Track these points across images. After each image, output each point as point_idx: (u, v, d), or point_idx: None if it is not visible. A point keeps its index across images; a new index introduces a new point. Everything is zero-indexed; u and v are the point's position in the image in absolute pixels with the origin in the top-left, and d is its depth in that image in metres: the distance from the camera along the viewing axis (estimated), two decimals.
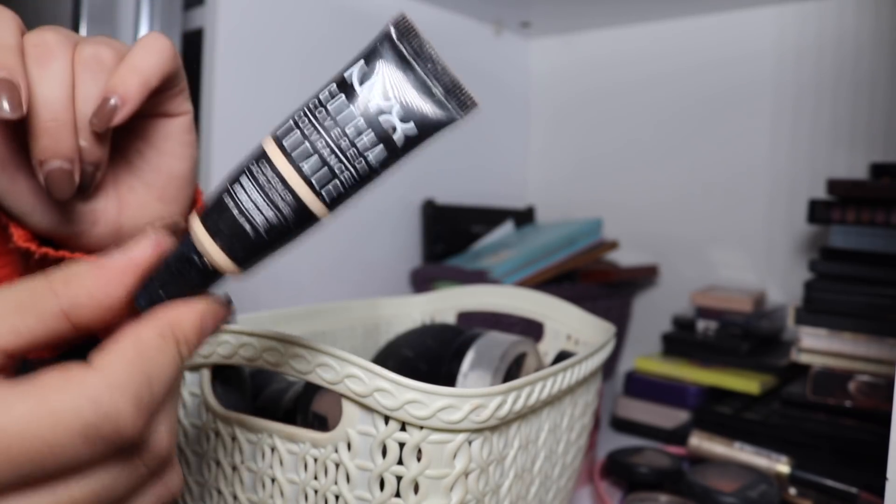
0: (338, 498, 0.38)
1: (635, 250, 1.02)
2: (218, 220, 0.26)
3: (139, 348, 0.24)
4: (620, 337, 0.96)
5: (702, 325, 0.86)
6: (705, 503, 0.57)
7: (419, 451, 0.35)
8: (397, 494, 0.36)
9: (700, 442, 0.68)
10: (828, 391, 0.68)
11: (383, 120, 0.24)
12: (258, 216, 0.25)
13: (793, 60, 0.89)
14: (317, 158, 0.25)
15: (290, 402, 0.46)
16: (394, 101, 0.24)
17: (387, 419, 0.35)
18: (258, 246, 0.26)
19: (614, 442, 0.80)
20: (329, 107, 0.25)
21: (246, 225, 0.25)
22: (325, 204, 0.25)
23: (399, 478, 0.36)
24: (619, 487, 0.67)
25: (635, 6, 0.95)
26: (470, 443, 0.36)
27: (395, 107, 0.24)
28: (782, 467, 0.62)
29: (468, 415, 0.35)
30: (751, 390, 0.77)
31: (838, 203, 0.72)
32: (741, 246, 0.94)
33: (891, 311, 0.67)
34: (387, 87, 0.24)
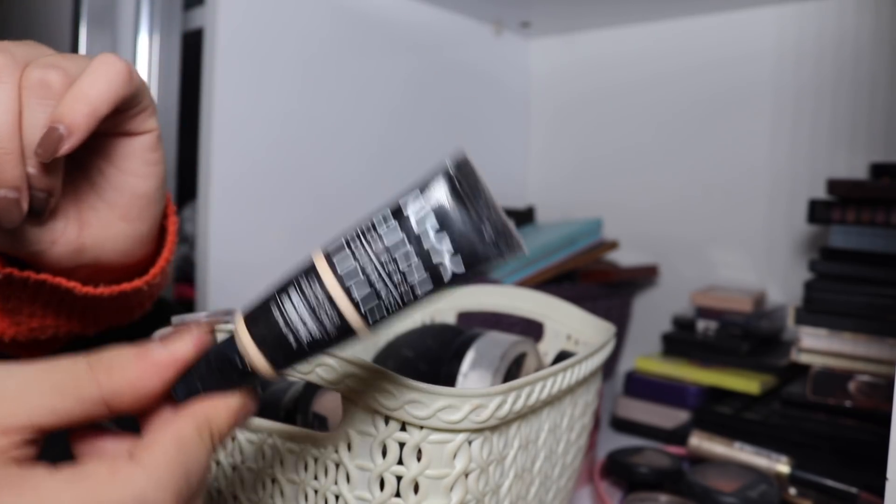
0: (338, 498, 0.38)
1: (635, 250, 1.01)
2: (264, 328, 0.27)
3: (179, 444, 0.25)
4: (620, 337, 0.96)
5: (702, 325, 0.86)
6: (705, 503, 0.57)
7: (419, 451, 0.35)
8: (397, 494, 0.36)
9: (700, 442, 0.68)
10: (828, 391, 0.68)
11: (432, 251, 0.25)
12: (303, 330, 0.26)
13: (793, 60, 0.89)
14: (364, 280, 0.26)
15: (290, 402, 0.46)
16: (445, 237, 0.25)
17: (387, 419, 0.35)
18: (298, 355, 0.27)
19: (614, 442, 0.79)
20: (381, 231, 0.25)
21: (290, 336, 0.27)
22: (368, 324, 0.26)
23: (399, 478, 0.36)
24: (619, 487, 0.67)
25: (635, 6, 0.95)
26: (470, 443, 0.36)
27: (445, 243, 0.25)
28: (782, 467, 0.62)
29: (468, 415, 0.35)
30: (751, 390, 0.77)
31: (838, 203, 0.72)
32: (741, 246, 0.94)
33: (891, 311, 0.67)
34: (440, 224, 0.25)
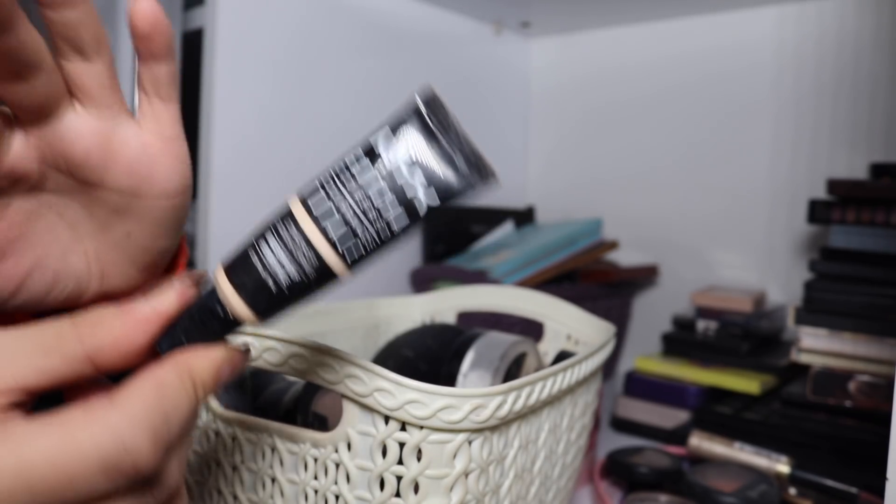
0: (338, 498, 0.38)
1: (635, 250, 1.02)
2: (242, 274, 0.27)
3: (158, 388, 0.25)
4: (620, 337, 0.96)
5: (702, 325, 0.86)
6: (705, 503, 0.57)
7: (419, 451, 0.35)
8: (397, 494, 0.36)
9: (700, 442, 0.68)
10: (828, 391, 0.68)
11: (406, 186, 0.25)
12: (281, 273, 0.26)
13: (793, 60, 0.89)
14: (340, 220, 0.26)
15: (290, 402, 0.46)
16: (418, 170, 0.25)
17: (387, 419, 0.35)
18: (280, 300, 0.27)
19: (614, 442, 0.80)
20: (354, 170, 0.26)
21: (269, 280, 0.26)
22: (347, 264, 0.26)
23: (399, 478, 0.36)
24: (619, 487, 0.67)
25: (635, 6, 0.95)
26: (470, 443, 0.36)
27: (418, 176, 0.25)
28: (782, 467, 0.62)
29: (468, 415, 0.35)
30: (751, 390, 0.77)
31: (838, 203, 0.72)
32: (741, 246, 0.94)
33: (891, 311, 0.67)
34: (411, 156, 0.25)
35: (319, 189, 0.26)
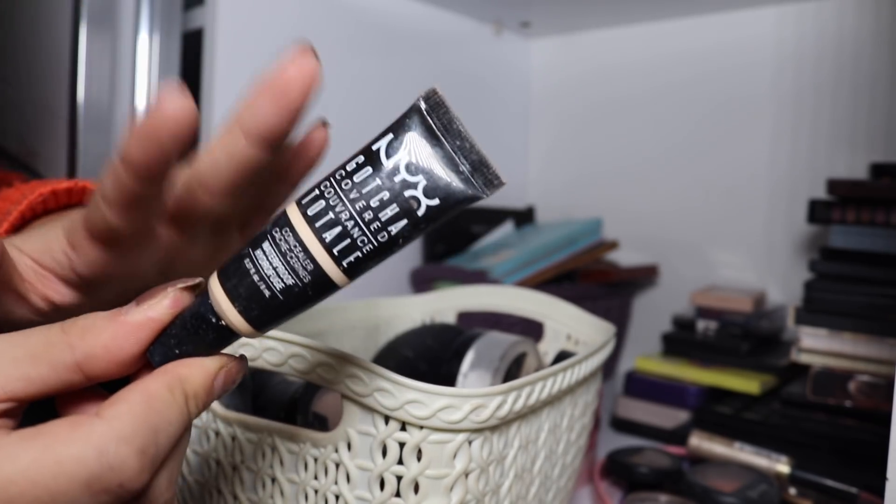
0: (338, 498, 0.38)
1: (635, 250, 1.02)
2: (237, 283, 0.26)
3: (148, 401, 0.24)
4: (620, 337, 0.96)
5: (702, 325, 0.86)
6: (705, 503, 0.57)
7: (419, 451, 0.35)
8: (397, 494, 0.36)
9: (700, 442, 0.68)
10: (828, 391, 0.68)
11: (408, 194, 0.24)
12: (277, 282, 0.25)
13: (793, 60, 0.89)
14: (340, 229, 0.25)
15: (290, 402, 0.46)
16: (420, 175, 0.24)
17: (387, 419, 0.35)
18: (275, 311, 0.26)
19: (614, 442, 0.79)
20: (355, 178, 0.25)
21: (265, 290, 0.25)
22: (345, 273, 0.25)
23: (399, 478, 0.36)
24: (619, 487, 0.67)
25: (635, 6, 0.95)
26: (470, 443, 0.36)
27: (420, 182, 0.24)
28: (782, 467, 0.62)
29: (468, 415, 0.35)
30: (751, 390, 0.77)
31: (838, 203, 0.72)
32: (741, 246, 0.94)
33: (891, 311, 0.67)
34: (413, 161, 0.24)
35: (319, 196, 0.25)
